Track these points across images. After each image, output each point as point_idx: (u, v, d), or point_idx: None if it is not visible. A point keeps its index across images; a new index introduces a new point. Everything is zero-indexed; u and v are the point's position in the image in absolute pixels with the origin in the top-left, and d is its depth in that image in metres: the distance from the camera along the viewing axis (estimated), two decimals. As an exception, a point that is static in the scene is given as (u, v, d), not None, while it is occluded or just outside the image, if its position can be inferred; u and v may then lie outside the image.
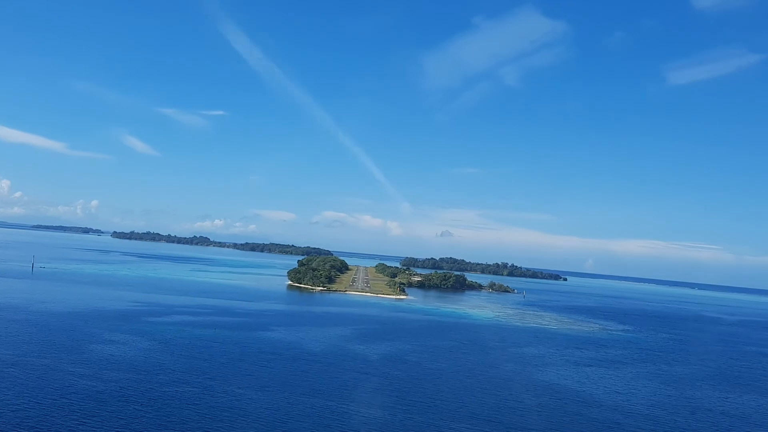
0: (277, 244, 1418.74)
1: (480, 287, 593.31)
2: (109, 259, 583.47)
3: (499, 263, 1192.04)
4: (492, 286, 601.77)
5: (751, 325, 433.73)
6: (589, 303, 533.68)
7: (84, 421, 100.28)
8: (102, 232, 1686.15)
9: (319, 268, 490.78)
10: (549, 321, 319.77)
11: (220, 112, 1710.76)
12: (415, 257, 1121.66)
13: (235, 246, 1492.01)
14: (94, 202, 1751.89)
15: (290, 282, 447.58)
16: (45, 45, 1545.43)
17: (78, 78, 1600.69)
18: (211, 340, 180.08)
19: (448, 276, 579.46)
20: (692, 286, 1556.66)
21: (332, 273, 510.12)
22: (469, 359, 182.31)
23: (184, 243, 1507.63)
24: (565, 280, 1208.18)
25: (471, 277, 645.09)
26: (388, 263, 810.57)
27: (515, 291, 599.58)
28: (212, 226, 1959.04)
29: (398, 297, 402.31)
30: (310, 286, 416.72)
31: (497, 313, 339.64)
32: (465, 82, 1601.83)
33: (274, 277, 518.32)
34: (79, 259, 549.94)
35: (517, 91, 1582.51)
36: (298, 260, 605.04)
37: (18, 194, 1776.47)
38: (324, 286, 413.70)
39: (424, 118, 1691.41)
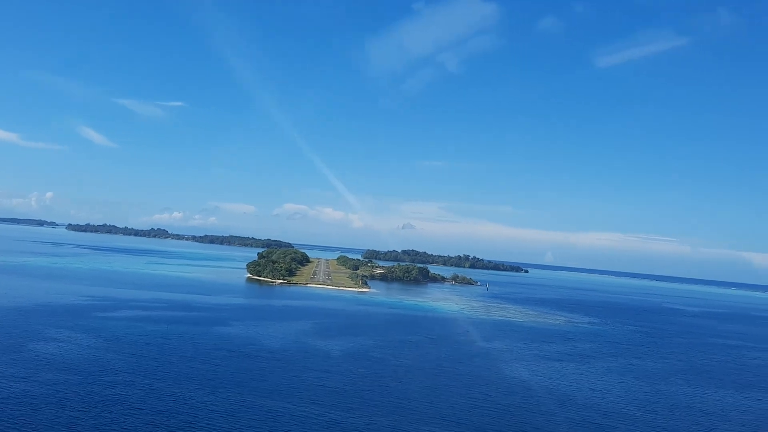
0: (236, 237, 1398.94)
1: (443, 279, 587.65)
2: (61, 252, 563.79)
3: (461, 255, 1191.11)
4: (455, 278, 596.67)
5: (712, 317, 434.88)
6: (552, 295, 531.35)
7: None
8: (57, 225, 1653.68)
9: (280, 260, 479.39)
10: (514, 314, 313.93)
11: (179, 103, 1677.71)
12: (377, 250, 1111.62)
13: (194, 238, 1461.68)
14: (49, 194, 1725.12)
15: (249, 275, 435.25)
16: None
17: (31, 67, 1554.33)
18: (162, 337, 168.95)
19: (411, 268, 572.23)
20: (650, 277, 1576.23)
21: (293, 265, 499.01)
22: (436, 355, 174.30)
23: (141, 235, 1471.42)
24: (527, 272, 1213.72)
25: (433, 269, 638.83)
26: (350, 256, 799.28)
27: (478, 283, 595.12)
28: (171, 218, 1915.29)
29: (360, 290, 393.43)
30: (269, 279, 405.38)
31: (462, 306, 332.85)
32: (409, 68, 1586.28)
33: (233, 269, 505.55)
34: (30, 251, 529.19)
35: (459, 77, 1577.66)
36: (258, 253, 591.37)
37: None
38: (284, 279, 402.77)
39: (374, 106, 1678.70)
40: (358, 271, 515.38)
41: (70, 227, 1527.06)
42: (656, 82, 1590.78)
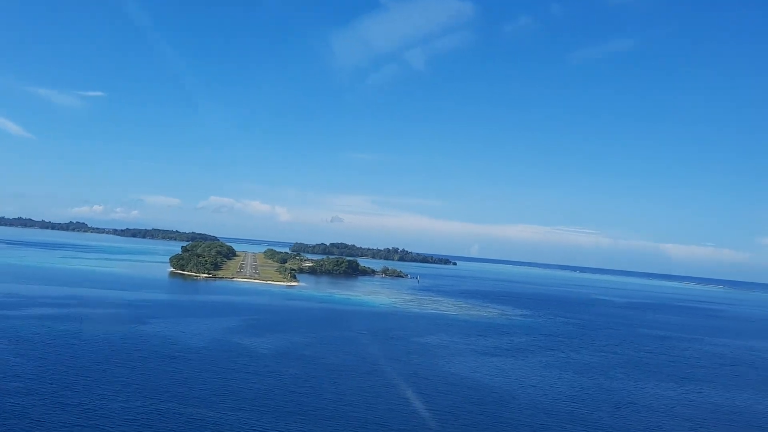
0: (160, 230, 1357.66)
1: (373, 272, 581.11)
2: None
3: (390, 248, 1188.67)
4: (385, 271, 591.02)
5: (637, 307, 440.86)
6: (481, 287, 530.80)
7: None
8: None
9: (204, 254, 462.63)
10: (447, 307, 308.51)
11: (99, 93, 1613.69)
12: (305, 243, 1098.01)
13: (115, 232, 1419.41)
14: None
15: (172, 269, 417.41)
16: None
17: None
18: (73, 337, 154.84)
19: (341, 261, 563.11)
20: (574, 269, 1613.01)
21: (218, 259, 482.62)
22: (370, 352, 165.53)
23: (59, 229, 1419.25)
24: (455, 264, 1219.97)
25: (363, 262, 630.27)
26: (278, 249, 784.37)
27: (408, 276, 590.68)
28: (92, 211, 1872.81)
29: (289, 284, 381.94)
30: (194, 273, 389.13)
31: (394, 300, 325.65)
32: (373, 63, 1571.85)
33: (155, 264, 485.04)
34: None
35: (423, 74, 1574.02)
36: (182, 246, 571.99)
37: None
38: (209, 273, 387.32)
39: (331, 100, 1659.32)
40: (287, 265, 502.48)
41: None
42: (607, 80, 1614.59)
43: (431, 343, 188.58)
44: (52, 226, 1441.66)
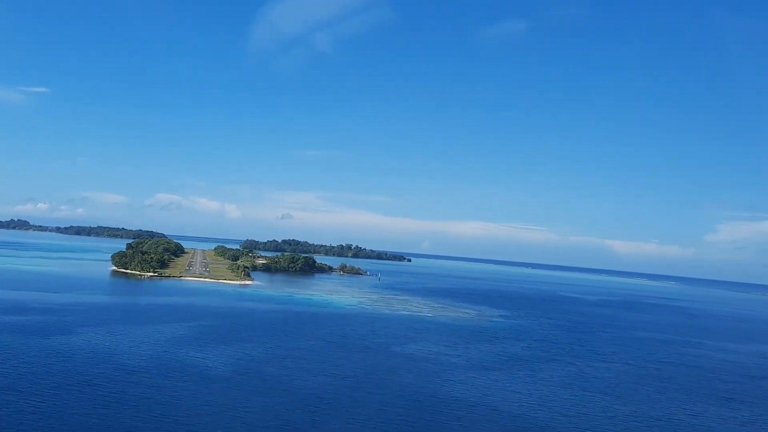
0: (105, 228, 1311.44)
1: (330, 269, 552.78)
2: None
3: (344, 245, 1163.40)
4: (343, 268, 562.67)
5: (611, 305, 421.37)
6: (445, 285, 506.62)
7: None
8: None
9: (150, 251, 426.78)
10: (418, 307, 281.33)
11: (42, 89, 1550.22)
12: (256, 240, 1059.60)
13: (59, 230, 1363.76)
14: None
15: (115, 268, 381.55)
16: None
17: None
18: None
19: (296, 258, 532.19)
20: (525, 265, 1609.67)
21: (165, 256, 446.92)
22: (347, 367, 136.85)
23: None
24: (410, 260, 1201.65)
25: (318, 259, 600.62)
26: (228, 246, 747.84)
27: (368, 273, 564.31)
28: (35, 209, 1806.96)
29: (243, 282, 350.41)
30: (138, 272, 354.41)
31: (359, 299, 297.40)
32: (280, 47, 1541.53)
33: (96, 262, 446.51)
34: None
35: (332, 58, 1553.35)
36: (127, 243, 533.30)
37: None
38: (155, 272, 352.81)
39: (251, 88, 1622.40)
40: (239, 262, 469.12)
41: None
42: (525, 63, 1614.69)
43: (415, 353, 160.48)
44: None
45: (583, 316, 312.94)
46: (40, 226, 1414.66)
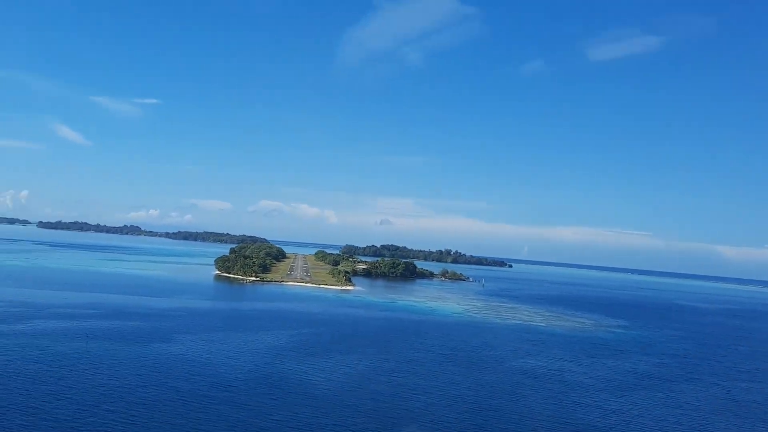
0: (211, 233, 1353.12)
1: (431, 275, 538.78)
2: (10, 248, 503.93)
3: (443, 250, 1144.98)
4: (444, 273, 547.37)
5: (743, 315, 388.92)
6: (552, 291, 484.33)
7: None
8: (29, 223, 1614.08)
9: (253, 255, 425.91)
10: (529, 315, 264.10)
11: (154, 101, 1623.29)
12: (355, 245, 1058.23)
13: (168, 235, 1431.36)
14: (24, 193, 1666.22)
15: (218, 272, 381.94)
16: None
17: (4, 67, 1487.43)
18: (74, 360, 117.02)
19: (397, 263, 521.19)
20: (629, 271, 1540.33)
21: (267, 261, 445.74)
22: (463, 386, 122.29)
23: (113, 232, 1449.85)
24: (510, 266, 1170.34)
25: (417, 264, 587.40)
26: (328, 251, 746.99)
27: (470, 279, 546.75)
28: (147, 216, 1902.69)
29: (344, 288, 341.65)
30: (240, 276, 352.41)
31: (465, 307, 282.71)
32: (370, 63, 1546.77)
33: (201, 266, 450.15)
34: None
35: (422, 71, 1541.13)
36: (231, 248, 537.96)
37: None
38: (257, 276, 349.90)
39: (343, 100, 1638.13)
40: (340, 267, 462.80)
41: (41, 225, 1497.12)
42: (636, 80, 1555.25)
43: (536, 369, 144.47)
44: (107, 229, 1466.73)
45: (710, 326, 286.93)
46: (151, 232, 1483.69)
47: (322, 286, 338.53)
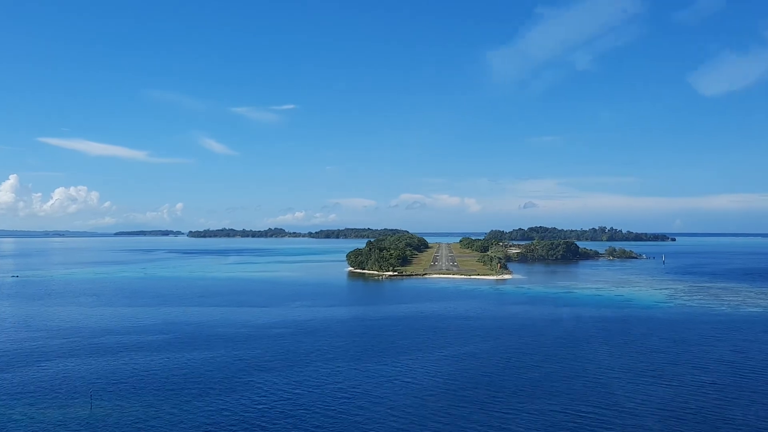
0: (352, 229, 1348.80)
1: (596, 255, 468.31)
2: (138, 259, 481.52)
3: (596, 228, 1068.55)
4: (612, 252, 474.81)
5: None
6: (752, 263, 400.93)
7: None
8: (181, 233, 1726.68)
9: (391, 247, 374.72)
10: (752, 298, 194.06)
11: (292, 106, 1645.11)
12: (501, 230, 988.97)
13: (310, 235, 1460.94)
14: (179, 205, 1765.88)
15: (351, 268, 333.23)
16: (117, 59, 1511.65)
17: (153, 87, 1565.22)
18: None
19: (556, 244, 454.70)
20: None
21: (407, 252, 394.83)
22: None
23: (258, 236, 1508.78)
24: (674, 240, 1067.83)
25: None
26: (473, 239, 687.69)
27: (643, 256, 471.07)
28: (294, 218, 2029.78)
29: (500, 277, 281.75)
30: (375, 272, 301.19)
31: (664, 291, 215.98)
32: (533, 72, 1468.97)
33: (333, 263, 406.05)
34: (99, 261, 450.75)
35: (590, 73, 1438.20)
36: (368, 241, 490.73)
37: (107, 204, 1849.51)
38: (394, 270, 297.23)
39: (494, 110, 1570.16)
40: (490, 253, 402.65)
41: (191, 234, 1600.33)
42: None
43: None
44: (252, 234, 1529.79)
45: None
46: (294, 233, 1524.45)
47: (473, 276, 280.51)
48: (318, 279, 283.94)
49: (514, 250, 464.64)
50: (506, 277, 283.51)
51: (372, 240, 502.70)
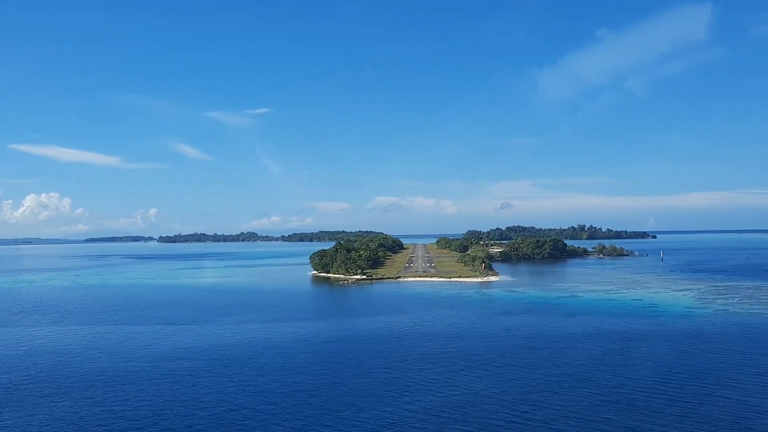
0: (326, 232, 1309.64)
1: (585, 253, 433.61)
2: (86, 265, 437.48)
3: (576, 226, 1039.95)
4: (601, 250, 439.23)
5: None
6: (754, 259, 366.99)
7: None
8: (152, 239, 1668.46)
9: (361, 248, 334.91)
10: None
11: (266, 110, 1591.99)
12: (478, 230, 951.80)
13: (283, 239, 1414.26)
14: (153, 211, 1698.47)
15: (315, 271, 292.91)
16: (88, 61, 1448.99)
17: (126, 92, 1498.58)
18: None
19: (542, 242, 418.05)
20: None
21: (379, 253, 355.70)
22: None
23: (231, 241, 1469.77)
24: (654, 237, 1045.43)
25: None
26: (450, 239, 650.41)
27: (636, 253, 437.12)
28: (270, 222, 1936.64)
29: (485, 279, 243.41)
30: (342, 275, 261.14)
31: (686, 293, 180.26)
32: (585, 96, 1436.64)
33: (298, 266, 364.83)
34: (32, 269, 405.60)
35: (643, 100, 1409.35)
36: (337, 241, 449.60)
37: (79, 211, 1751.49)
38: (363, 274, 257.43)
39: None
40: (470, 252, 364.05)
41: (161, 239, 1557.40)
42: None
43: None
44: (224, 238, 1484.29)
45: None
46: (267, 237, 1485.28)
47: (453, 279, 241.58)
48: (273, 285, 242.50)
49: (496, 249, 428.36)
50: (492, 279, 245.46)
51: (341, 241, 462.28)
